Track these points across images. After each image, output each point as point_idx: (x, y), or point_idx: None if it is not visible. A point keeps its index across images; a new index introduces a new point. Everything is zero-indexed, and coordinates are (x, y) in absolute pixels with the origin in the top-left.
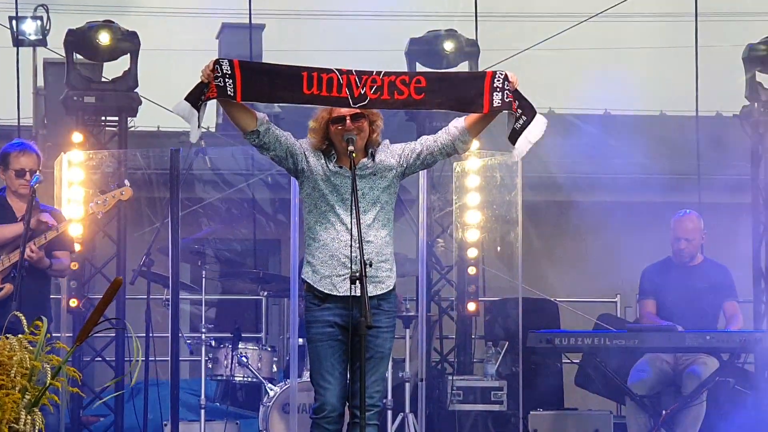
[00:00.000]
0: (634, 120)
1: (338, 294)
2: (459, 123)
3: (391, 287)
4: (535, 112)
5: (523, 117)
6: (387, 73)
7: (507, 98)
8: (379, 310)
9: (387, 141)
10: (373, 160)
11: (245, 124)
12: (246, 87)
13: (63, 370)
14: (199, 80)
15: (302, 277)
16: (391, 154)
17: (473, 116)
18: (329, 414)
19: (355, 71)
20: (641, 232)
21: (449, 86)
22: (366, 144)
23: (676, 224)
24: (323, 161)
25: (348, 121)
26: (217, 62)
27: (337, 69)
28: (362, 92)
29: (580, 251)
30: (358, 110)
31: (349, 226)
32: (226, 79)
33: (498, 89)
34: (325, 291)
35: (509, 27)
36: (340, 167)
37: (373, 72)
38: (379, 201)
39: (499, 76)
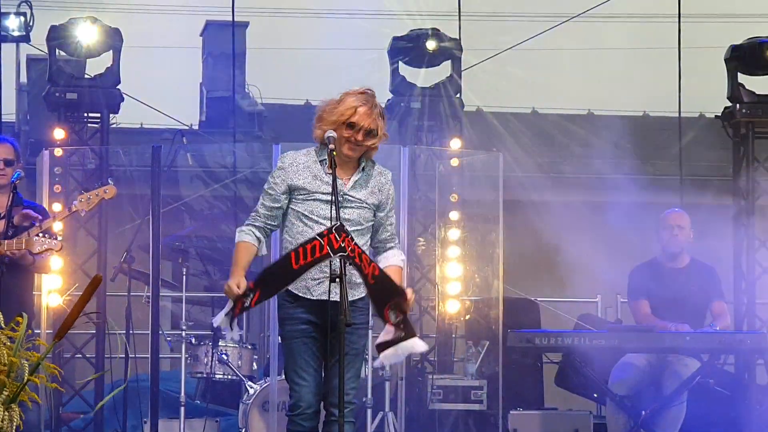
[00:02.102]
0: (617, 120)
1: (311, 298)
2: (382, 263)
3: (361, 296)
4: (416, 335)
5: (402, 333)
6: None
7: (396, 317)
8: (353, 307)
9: (389, 175)
10: (370, 173)
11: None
12: (261, 297)
13: (42, 367)
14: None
15: None
16: (381, 191)
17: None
18: (305, 411)
19: (335, 229)
20: (622, 232)
21: (383, 286)
22: (360, 157)
23: (665, 217)
24: (315, 172)
25: (360, 135)
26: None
27: (319, 234)
28: (342, 245)
29: (561, 251)
30: (373, 127)
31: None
32: (246, 297)
33: (397, 312)
34: (299, 294)
35: (492, 26)
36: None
37: (348, 236)
38: (362, 215)
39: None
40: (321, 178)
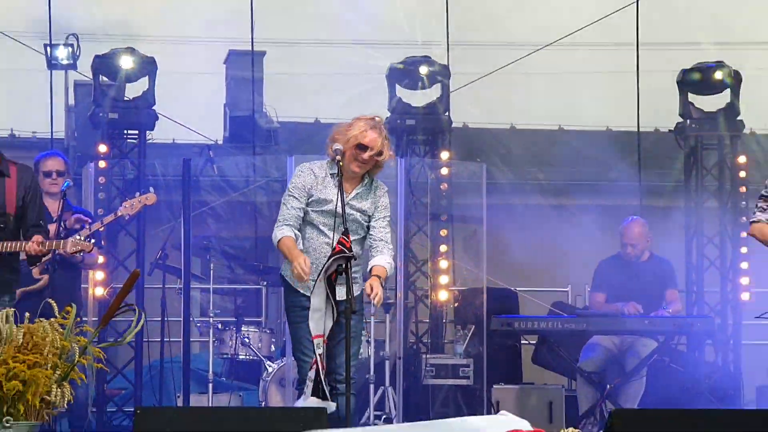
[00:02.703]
0: (584, 134)
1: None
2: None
3: (358, 293)
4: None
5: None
6: None
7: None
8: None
9: (386, 190)
10: (370, 188)
11: None
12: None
13: (89, 350)
14: (314, 378)
15: (282, 273)
16: (376, 202)
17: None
18: None
19: (343, 233)
20: (589, 230)
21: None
22: (364, 173)
23: (624, 230)
24: (326, 183)
25: (367, 155)
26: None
27: (339, 243)
28: (351, 244)
29: (536, 247)
30: (380, 149)
31: (332, 242)
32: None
33: None
34: (302, 291)
35: (476, 53)
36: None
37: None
38: (360, 226)
39: None
40: (330, 188)
